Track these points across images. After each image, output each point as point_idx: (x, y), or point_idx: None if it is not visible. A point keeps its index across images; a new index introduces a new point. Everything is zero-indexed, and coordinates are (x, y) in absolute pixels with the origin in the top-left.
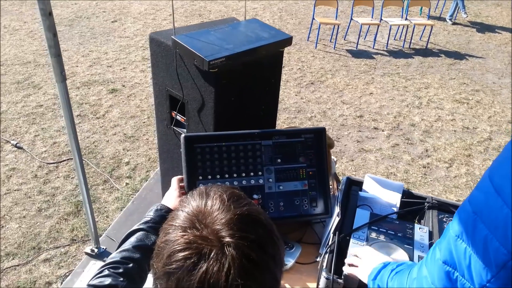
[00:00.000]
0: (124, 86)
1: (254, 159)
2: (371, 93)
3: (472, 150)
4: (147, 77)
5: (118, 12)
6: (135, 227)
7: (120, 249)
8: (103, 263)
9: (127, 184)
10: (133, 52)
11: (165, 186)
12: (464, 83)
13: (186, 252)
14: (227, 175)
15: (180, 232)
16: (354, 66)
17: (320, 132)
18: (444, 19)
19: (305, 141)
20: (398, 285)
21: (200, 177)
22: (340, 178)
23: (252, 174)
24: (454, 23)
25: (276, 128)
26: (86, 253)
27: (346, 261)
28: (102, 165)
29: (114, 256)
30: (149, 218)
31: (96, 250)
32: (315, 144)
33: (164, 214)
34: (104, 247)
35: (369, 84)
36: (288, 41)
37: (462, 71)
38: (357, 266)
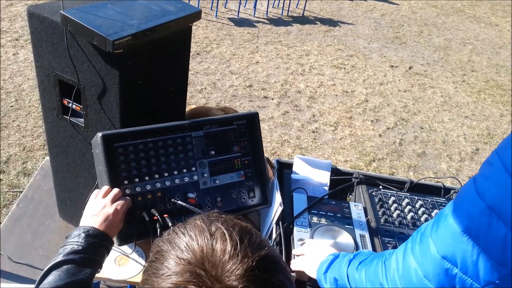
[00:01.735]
0: None
1: (185, 154)
2: (257, 62)
3: (353, 112)
4: (8, 53)
5: None
6: (60, 258)
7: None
8: None
9: (0, 180)
10: None
11: (60, 185)
12: (340, 49)
13: None
14: (157, 176)
15: None
16: (238, 35)
17: (252, 118)
18: None
19: (238, 128)
20: (370, 275)
21: (126, 182)
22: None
23: (184, 170)
24: None
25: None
26: None
27: (294, 253)
28: None
29: None
30: (78, 248)
31: None
32: (248, 130)
33: (97, 242)
34: None
35: (254, 53)
36: (197, 15)
37: (337, 37)
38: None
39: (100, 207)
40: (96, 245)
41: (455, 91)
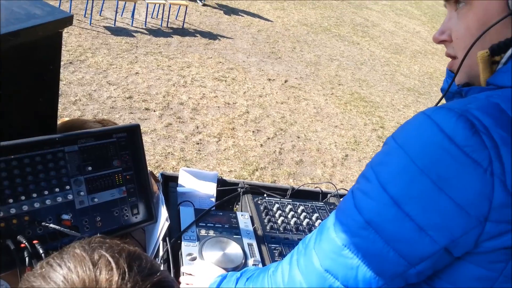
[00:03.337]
0: None
1: (57, 171)
2: (137, 72)
3: (235, 124)
4: None
5: None
6: None
7: None
8: None
9: None
10: None
11: None
12: (220, 62)
13: None
14: (23, 197)
15: None
16: (115, 44)
17: (134, 130)
18: (195, 0)
19: (118, 142)
20: None
21: None
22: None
23: (57, 190)
24: (204, 5)
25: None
26: None
27: (183, 270)
28: None
29: None
30: None
31: None
32: (129, 143)
33: None
34: None
35: (133, 63)
36: (68, 20)
37: (217, 50)
38: (191, 284)
39: None
40: None
41: (325, 103)
